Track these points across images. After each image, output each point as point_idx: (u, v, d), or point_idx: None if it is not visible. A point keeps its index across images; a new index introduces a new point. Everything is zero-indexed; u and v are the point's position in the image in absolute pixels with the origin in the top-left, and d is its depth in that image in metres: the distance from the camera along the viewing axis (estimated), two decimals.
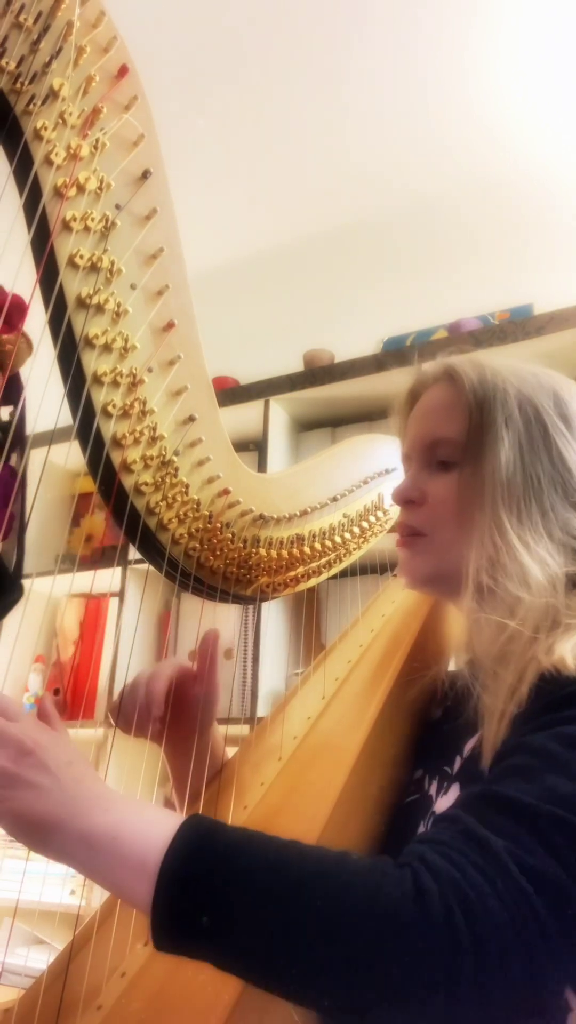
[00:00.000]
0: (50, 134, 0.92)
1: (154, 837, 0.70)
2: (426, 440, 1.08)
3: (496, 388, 1.02)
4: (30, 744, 0.75)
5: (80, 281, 0.95)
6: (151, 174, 0.99)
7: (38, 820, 0.72)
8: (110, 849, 0.70)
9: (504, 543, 0.95)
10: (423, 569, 1.07)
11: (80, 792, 0.74)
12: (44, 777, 0.73)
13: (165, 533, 1.06)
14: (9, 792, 0.72)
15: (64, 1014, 0.84)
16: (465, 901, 0.63)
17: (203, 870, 0.67)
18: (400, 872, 0.66)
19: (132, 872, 0.69)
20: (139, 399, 1.00)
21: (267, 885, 0.67)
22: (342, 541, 1.26)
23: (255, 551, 1.14)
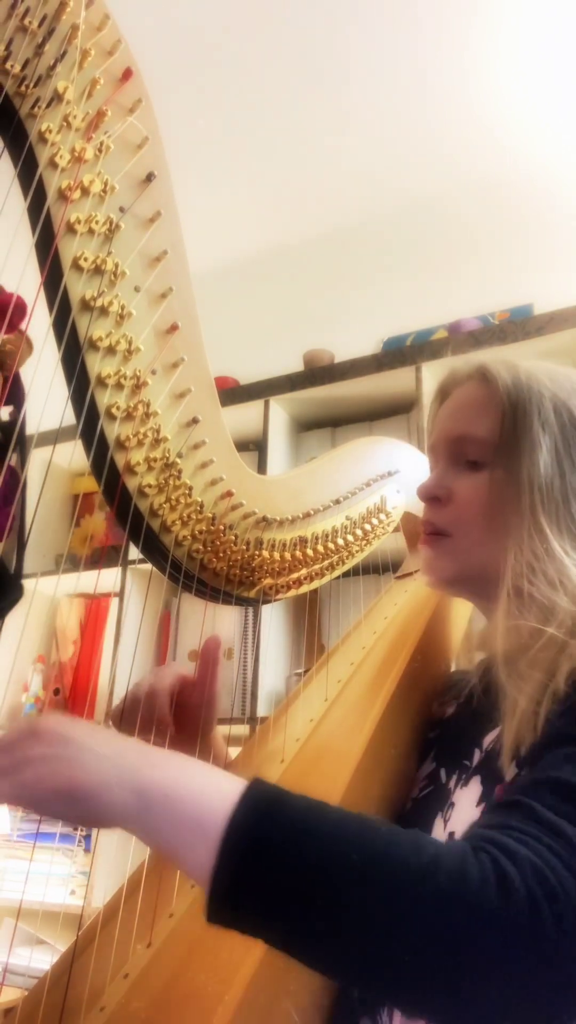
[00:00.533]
0: (55, 137, 0.92)
1: (214, 798, 0.66)
2: (453, 435, 1.08)
3: (531, 390, 1.02)
4: (41, 726, 0.72)
5: (84, 283, 0.95)
6: (155, 177, 0.99)
7: (78, 787, 0.68)
8: (164, 807, 0.67)
9: (544, 549, 0.95)
10: (447, 570, 1.07)
11: (117, 751, 0.70)
12: (68, 747, 0.70)
13: (168, 535, 1.06)
14: (39, 775, 0.69)
15: (67, 1015, 0.84)
16: (547, 886, 0.62)
17: (272, 841, 0.64)
18: (479, 858, 0.64)
19: (189, 833, 0.65)
20: (143, 401, 1.00)
21: (344, 862, 0.63)
22: (345, 543, 1.26)
23: (258, 553, 1.14)
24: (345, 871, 0.63)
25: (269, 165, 2.95)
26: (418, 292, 3.05)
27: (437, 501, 1.07)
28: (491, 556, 1.00)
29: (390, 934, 0.61)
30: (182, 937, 0.87)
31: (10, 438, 0.92)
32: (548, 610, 0.92)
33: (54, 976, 0.91)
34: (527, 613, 0.93)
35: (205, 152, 2.87)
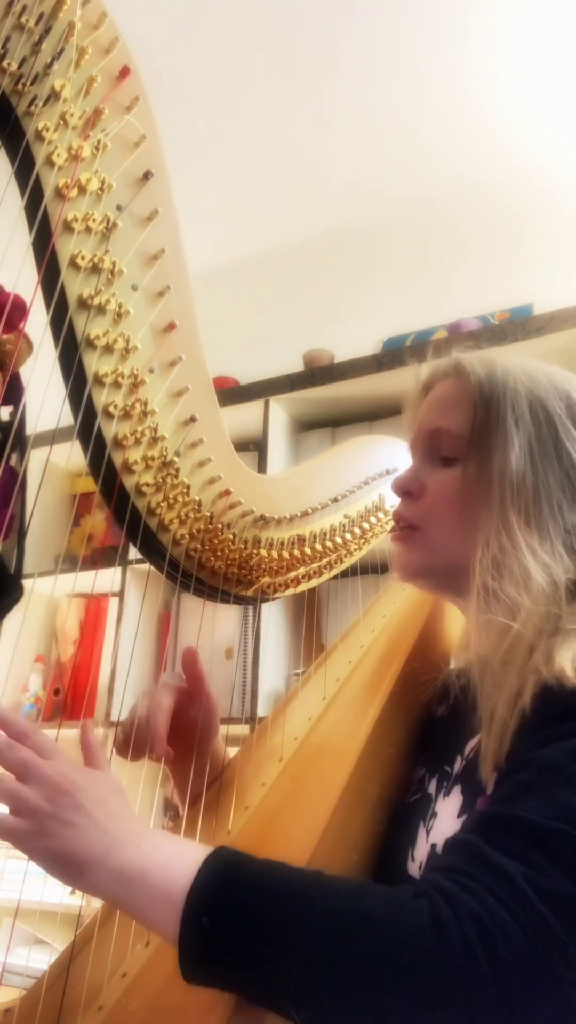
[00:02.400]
0: (52, 135, 0.92)
1: (180, 869, 0.71)
2: (428, 430, 1.08)
3: (506, 386, 1.01)
4: (66, 784, 0.76)
5: (81, 282, 0.95)
6: (152, 175, 0.99)
7: (74, 857, 0.73)
8: (140, 883, 0.72)
9: (511, 545, 0.94)
10: (415, 563, 1.06)
11: (115, 829, 0.75)
12: (78, 816, 0.75)
13: (166, 534, 1.06)
14: (45, 831, 0.74)
15: (65, 1015, 0.84)
16: (484, 930, 0.63)
17: (227, 901, 0.69)
18: (418, 903, 0.66)
19: (160, 905, 0.70)
20: (140, 400, 1.00)
21: (290, 917, 0.68)
22: (343, 542, 1.26)
23: (256, 552, 1.14)
24: (292, 928, 0.67)
25: (269, 165, 2.95)
26: (418, 292, 3.05)
27: (410, 495, 1.07)
28: (459, 551, 0.99)
29: (334, 984, 0.65)
30: None
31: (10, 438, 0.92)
32: (512, 608, 0.91)
33: (52, 975, 0.91)
34: (496, 610, 0.93)
35: (205, 152, 2.86)
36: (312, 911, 0.68)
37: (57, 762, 0.79)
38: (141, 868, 0.72)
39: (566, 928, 0.64)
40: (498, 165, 2.85)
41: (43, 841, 0.74)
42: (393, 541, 1.09)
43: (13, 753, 0.78)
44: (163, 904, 0.70)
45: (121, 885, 0.72)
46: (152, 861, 0.73)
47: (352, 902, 0.69)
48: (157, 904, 0.71)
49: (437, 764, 1.01)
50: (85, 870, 0.73)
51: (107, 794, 0.79)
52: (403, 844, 0.96)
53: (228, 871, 0.71)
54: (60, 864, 0.74)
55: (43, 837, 0.74)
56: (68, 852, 0.73)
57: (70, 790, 0.76)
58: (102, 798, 0.77)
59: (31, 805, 0.75)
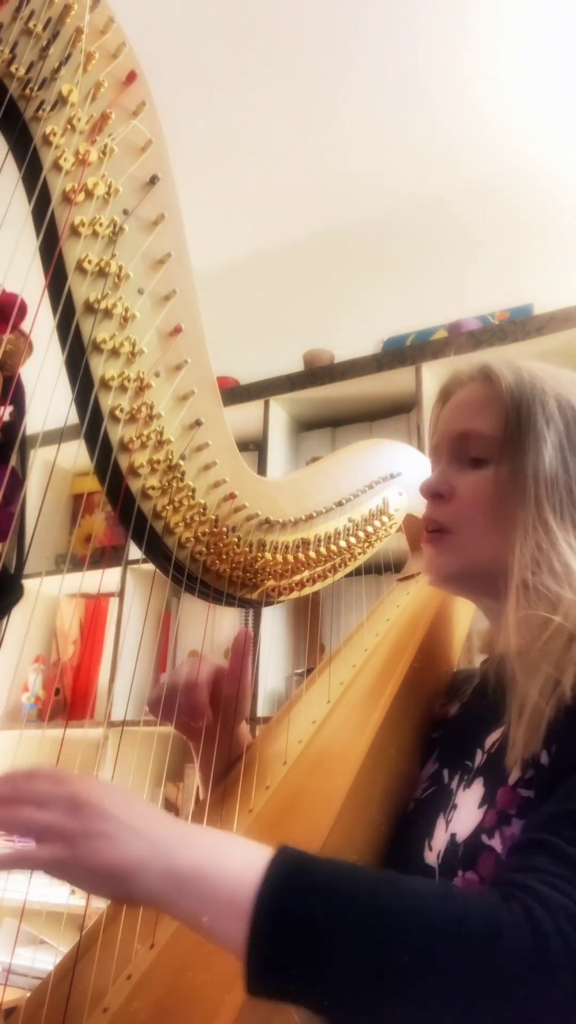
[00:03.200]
0: (59, 140, 0.92)
1: (242, 872, 0.67)
2: (456, 432, 1.08)
3: (534, 388, 1.03)
4: (83, 796, 0.71)
5: (88, 286, 0.95)
6: (159, 179, 0.99)
7: (115, 867, 0.68)
8: (198, 888, 0.67)
9: (549, 541, 0.96)
10: (449, 567, 1.07)
11: (153, 829, 0.70)
12: (107, 823, 0.69)
13: (171, 537, 1.06)
14: (77, 848, 0.68)
15: (70, 1016, 0.84)
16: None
17: (300, 908, 0.65)
18: (511, 908, 0.65)
19: (223, 911, 0.66)
20: (146, 403, 1.00)
21: (372, 924, 0.64)
22: (347, 546, 1.26)
23: (261, 555, 1.14)
24: (375, 934, 0.63)
25: (269, 166, 2.95)
26: (418, 292, 3.05)
27: (440, 498, 1.08)
28: (494, 552, 1.00)
29: (427, 995, 0.62)
30: (185, 938, 0.87)
31: (11, 439, 0.92)
32: (554, 602, 0.92)
33: (57, 976, 0.91)
34: (536, 605, 0.94)
35: (205, 153, 2.86)
36: (398, 918, 0.64)
37: (73, 783, 0.73)
38: (197, 871, 0.68)
39: None
40: (498, 165, 2.85)
41: (78, 861, 0.68)
42: (424, 544, 1.10)
43: (20, 788, 0.73)
44: (226, 911, 0.66)
45: (175, 890, 0.67)
46: (209, 863, 0.68)
47: (438, 911, 0.65)
48: (219, 911, 0.66)
49: (456, 759, 1.01)
50: (131, 878, 0.68)
51: (130, 798, 0.73)
52: (419, 835, 0.96)
53: (297, 875, 0.67)
54: (102, 879, 0.69)
55: (76, 856, 0.68)
56: (107, 863, 0.68)
57: (90, 800, 0.71)
58: (127, 802, 0.72)
59: (55, 827, 0.69)
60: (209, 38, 2.51)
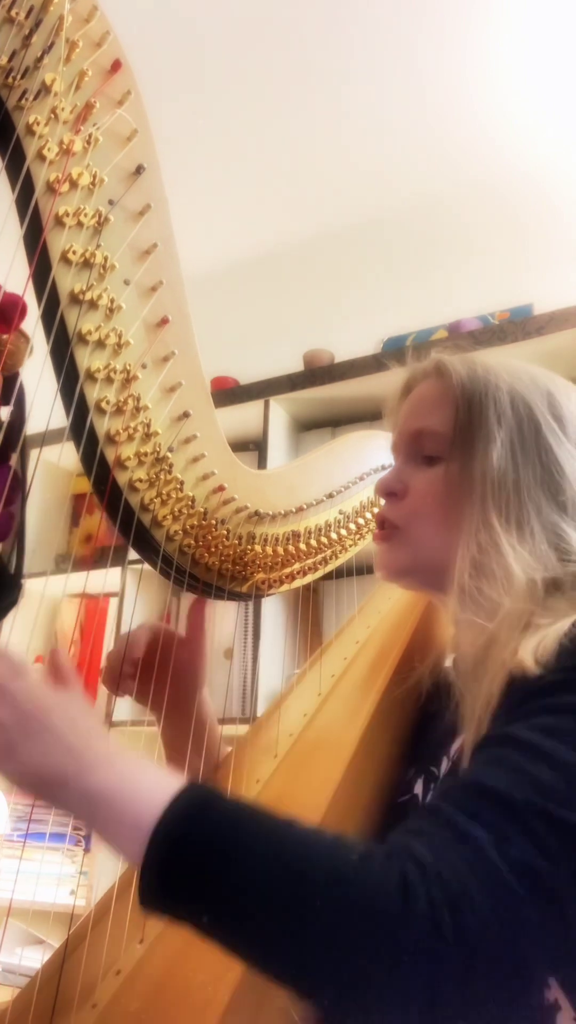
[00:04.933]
0: (42, 129, 0.91)
1: (152, 799, 0.70)
2: (411, 431, 1.08)
3: (487, 384, 1.01)
4: (33, 707, 0.75)
5: (73, 277, 0.95)
6: (144, 169, 0.99)
7: (43, 778, 0.73)
8: (109, 807, 0.71)
9: (491, 544, 0.94)
10: (397, 563, 1.06)
11: (84, 749, 0.74)
12: (48, 737, 0.74)
13: (159, 530, 1.06)
14: (13, 751, 0.73)
15: (59, 1013, 0.84)
16: (450, 895, 0.62)
17: (196, 836, 0.68)
18: (388, 864, 0.65)
19: (128, 831, 0.69)
20: (133, 395, 1.00)
21: (258, 861, 0.66)
22: (338, 538, 1.26)
23: (250, 548, 1.14)
24: (259, 870, 0.66)
25: (269, 165, 2.95)
26: (418, 292, 3.05)
27: (394, 496, 1.07)
28: (442, 550, 0.99)
29: (295, 932, 0.64)
30: (175, 933, 0.87)
31: (11, 439, 0.91)
32: (492, 608, 0.91)
33: (46, 974, 0.90)
34: (475, 611, 0.93)
35: (205, 152, 2.86)
36: (284, 860, 0.66)
37: (26, 683, 0.77)
38: (110, 792, 0.71)
39: (531, 899, 0.64)
40: (498, 165, 2.85)
41: (11, 761, 0.73)
42: (375, 541, 1.09)
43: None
44: (130, 832, 0.69)
45: (90, 807, 0.72)
46: (122, 786, 0.72)
47: (324, 855, 0.67)
48: (124, 831, 0.70)
49: (424, 765, 1.01)
50: (55, 790, 0.73)
51: (77, 714, 0.77)
52: None
53: (200, 810, 0.70)
54: (30, 784, 0.74)
55: (11, 757, 0.73)
56: (37, 772, 0.73)
57: (38, 711, 0.75)
58: (72, 718, 0.76)
59: (2, 723, 0.74)
60: (209, 38, 2.52)
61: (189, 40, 2.52)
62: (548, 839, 0.66)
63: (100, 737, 0.77)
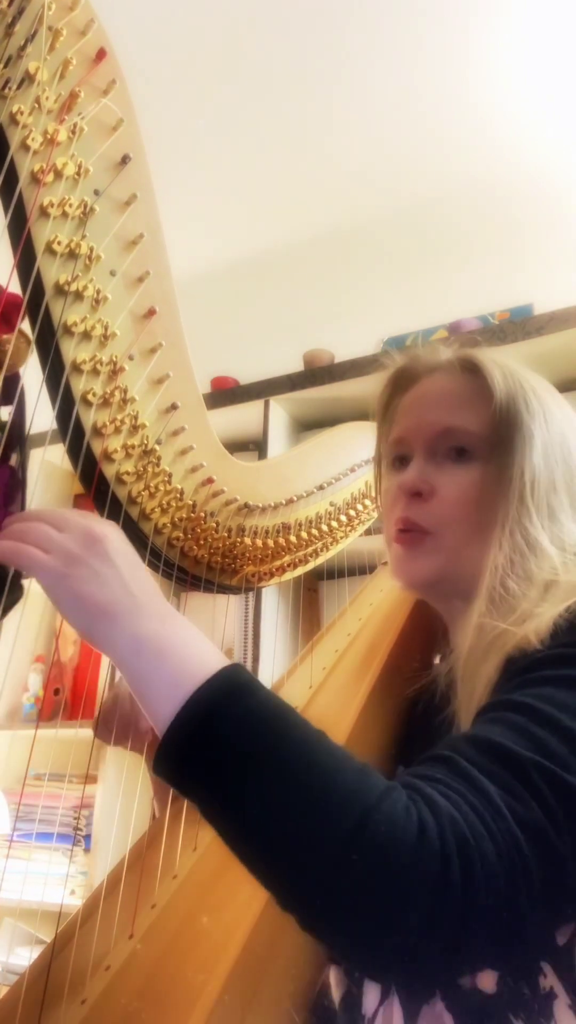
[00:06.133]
0: (26, 119, 0.90)
1: (196, 664, 0.71)
2: (437, 428, 1.03)
3: (521, 384, 0.99)
4: (99, 532, 0.78)
5: (58, 268, 0.94)
6: (130, 159, 0.98)
7: (95, 606, 0.74)
8: (155, 658, 0.72)
9: (529, 544, 0.93)
10: (427, 571, 1.02)
11: (141, 594, 0.75)
12: (108, 567, 0.76)
13: (147, 523, 1.05)
14: (72, 570, 0.75)
15: (48, 1009, 0.84)
16: (462, 841, 0.63)
17: (229, 717, 0.68)
18: (408, 802, 0.65)
19: (164, 689, 0.70)
20: (120, 387, 0.99)
21: (283, 759, 0.66)
22: (329, 529, 1.25)
23: (240, 540, 1.13)
24: (284, 770, 0.66)
25: (269, 165, 2.95)
26: (418, 292, 3.05)
27: (419, 497, 1.01)
28: (474, 555, 0.96)
29: (305, 845, 0.63)
30: (164, 928, 0.88)
31: (11, 439, 0.91)
32: (514, 608, 0.89)
33: (34, 971, 0.90)
34: (500, 610, 0.91)
35: (205, 152, 2.86)
36: (306, 768, 0.66)
37: (88, 516, 0.80)
38: (159, 646, 0.72)
39: (536, 858, 0.64)
40: (498, 165, 2.85)
41: (68, 581, 0.74)
42: (397, 544, 1.03)
43: (44, 514, 0.80)
44: (166, 690, 0.69)
45: (134, 652, 0.72)
46: (172, 643, 0.73)
47: (349, 776, 0.66)
48: (160, 687, 0.70)
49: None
50: (103, 622, 0.73)
51: (136, 562, 0.79)
52: None
53: (240, 690, 0.70)
54: (79, 609, 0.74)
55: (69, 577, 0.74)
56: (91, 599, 0.74)
57: (103, 540, 0.77)
58: (132, 563, 0.78)
59: (63, 546, 0.76)
60: (209, 38, 2.51)
61: (189, 41, 2.51)
62: (555, 804, 0.67)
63: (156, 591, 0.78)
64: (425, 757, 0.76)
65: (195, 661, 0.71)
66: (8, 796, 2.61)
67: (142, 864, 0.99)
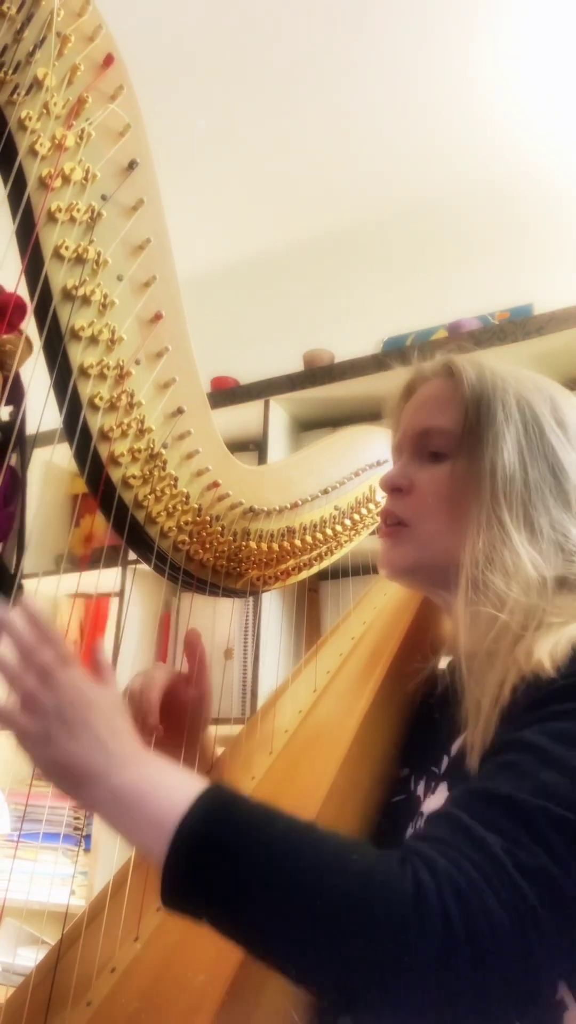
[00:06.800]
0: (35, 124, 0.91)
1: (176, 799, 0.72)
2: (418, 429, 1.08)
3: (496, 386, 1.02)
4: (79, 697, 0.79)
5: (66, 272, 0.95)
6: (137, 164, 0.99)
7: (75, 769, 0.76)
8: (135, 806, 0.73)
9: (501, 538, 0.95)
10: (404, 560, 1.06)
11: (117, 748, 0.77)
12: (86, 731, 0.77)
13: (154, 526, 1.06)
14: (52, 738, 0.76)
15: (53, 1011, 0.84)
16: (462, 899, 0.64)
17: (216, 836, 0.70)
18: (401, 869, 0.67)
19: (151, 830, 0.71)
20: (126, 391, 1.00)
21: (276, 863, 0.68)
22: (333, 533, 1.26)
23: (245, 544, 1.14)
24: (276, 872, 0.68)
25: (269, 165, 2.95)
26: (418, 292, 3.04)
27: (399, 492, 1.07)
28: (449, 546, 0.99)
29: (310, 935, 0.66)
30: (169, 931, 0.88)
31: (10, 438, 0.91)
32: (501, 599, 0.92)
33: (40, 972, 0.90)
34: (483, 602, 0.93)
35: (205, 152, 2.86)
36: (298, 862, 0.68)
37: (74, 673, 0.81)
38: (138, 791, 0.74)
39: (543, 904, 0.65)
40: (498, 165, 2.84)
41: (48, 748, 0.76)
42: (381, 537, 1.09)
43: (37, 656, 0.80)
44: (153, 830, 0.71)
45: (116, 805, 0.74)
46: (150, 786, 0.74)
47: (339, 859, 0.69)
48: (147, 829, 0.72)
49: (423, 766, 1.01)
50: (84, 783, 0.75)
51: (113, 712, 0.80)
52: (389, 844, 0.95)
53: (221, 811, 0.72)
54: (60, 774, 0.76)
55: (48, 743, 0.76)
56: (70, 763, 0.76)
57: (81, 704, 0.78)
58: (110, 716, 0.79)
59: (45, 709, 0.77)
60: (210, 38, 2.51)
61: (189, 41, 2.51)
62: (561, 846, 0.68)
63: (131, 737, 0.80)
64: (431, 816, 0.79)
65: (172, 795, 0.73)
66: (10, 797, 2.61)
67: (147, 866, 0.99)
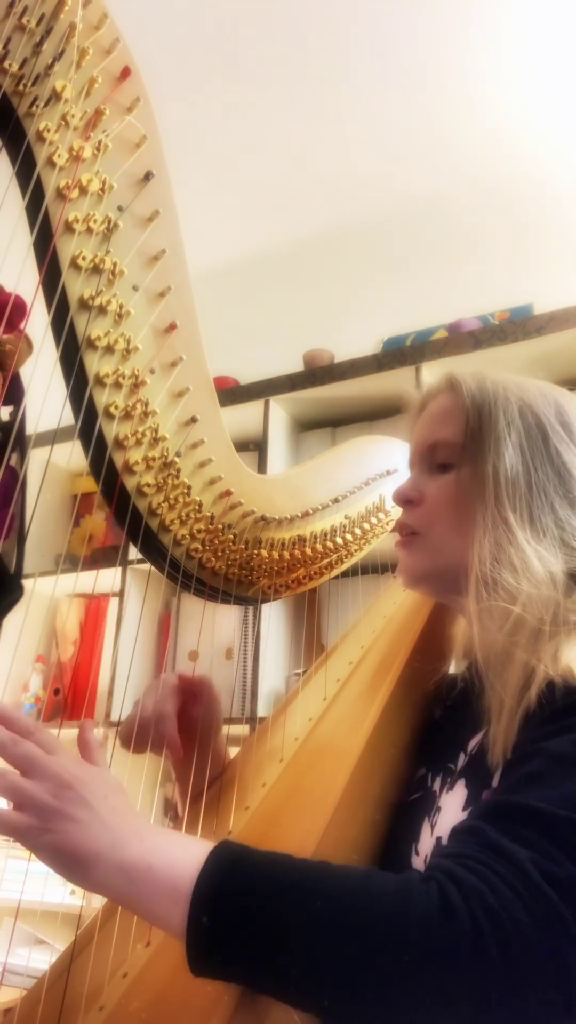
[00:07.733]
0: (53, 136, 0.92)
1: (184, 863, 0.72)
2: (426, 443, 1.11)
3: (496, 395, 1.05)
4: (68, 778, 0.77)
5: (82, 283, 0.95)
6: (153, 175, 0.99)
7: (78, 853, 0.74)
8: (145, 878, 0.72)
9: (508, 536, 0.97)
10: (418, 567, 1.09)
11: (117, 824, 0.76)
12: (83, 811, 0.75)
13: (167, 534, 1.06)
14: (49, 825, 0.74)
15: (66, 1015, 0.84)
16: (492, 913, 0.64)
17: (233, 895, 0.70)
18: (426, 887, 0.67)
19: (166, 898, 0.71)
20: (141, 400, 1.00)
21: (296, 910, 0.68)
22: (344, 543, 1.26)
23: (257, 552, 1.14)
24: (300, 917, 0.68)
25: (269, 165, 2.94)
26: (418, 292, 3.05)
27: (411, 503, 1.10)
28: (459, 549, 1.01)
29: (345, 972, 0.66)
30: None
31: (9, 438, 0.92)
32: (512, 594, 0.93)
33: (53, 975, 0.91)
34: (495, 597, 0.95)
35: (205, 152, 2.86)
36: (319, 903, 0.68)
37: (60, 757, 0.79)
38: (146, 863, 0.73)
39: (573, 913, 0.65)
40: (498, 165, 2.84)
41: (47, 836, 0.74)
42: (397, 548, 1.11)
43: (17, 748, 0.79)
44: (168, 899, 0.71)
45: (126, 880, 0.73)
46: (156, 856, 0.73)
47: (359, 891, 0.69)
48: (162, 899, 0.71)
49: (440, 763, 1.02)
50: (89, 866, 0.73)
51: (108, 790, 0.79)
52: (407, 840, 0.97)
53: (233, 865, 0.72)
54: (64, 860, 0.74)
55: (47, 832, 0.74)
56: (72, 847, 0.74)
57: (74, 785, 0.77)
58: (104, 794, 0.78)
59: (35, 800, 0.75)
60: (208, 37, 2.51)
61: (188, 40, 2.51)
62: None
63: (130, 812, 0.79)
64: (456, 830, 0.79)
65: (182, 858, 0.73)
66: None
67: None
